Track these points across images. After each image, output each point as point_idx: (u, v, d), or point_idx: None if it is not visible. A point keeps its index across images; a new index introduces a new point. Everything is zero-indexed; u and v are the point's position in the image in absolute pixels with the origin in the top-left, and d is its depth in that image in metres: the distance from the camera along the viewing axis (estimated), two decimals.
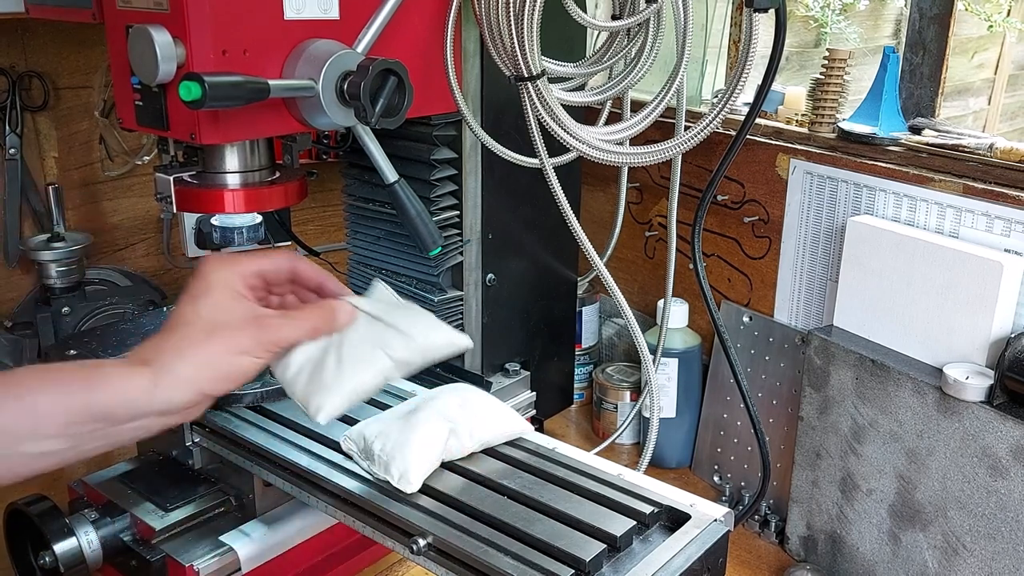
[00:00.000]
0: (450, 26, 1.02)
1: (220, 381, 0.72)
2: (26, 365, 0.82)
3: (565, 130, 1.00)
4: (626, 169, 1.47)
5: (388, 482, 0.81)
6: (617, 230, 1.50)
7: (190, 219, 1.46)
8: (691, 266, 1.14)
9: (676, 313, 1.37)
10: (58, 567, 0.89)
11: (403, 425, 0.85)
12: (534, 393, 1.28)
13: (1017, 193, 1.04)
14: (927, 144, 1.14)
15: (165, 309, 1.08)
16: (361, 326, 0.81)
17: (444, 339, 0.85)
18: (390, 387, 1.02)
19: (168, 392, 0.70)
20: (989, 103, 3.62)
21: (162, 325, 0.75)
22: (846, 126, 1.22)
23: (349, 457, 0.86)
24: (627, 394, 1.47)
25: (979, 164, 1.09)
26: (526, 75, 0.97)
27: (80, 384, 0.69)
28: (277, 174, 0.99)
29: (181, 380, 0.71)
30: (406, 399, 0.97)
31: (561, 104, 1.01)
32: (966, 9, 3.17)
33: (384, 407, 0.95)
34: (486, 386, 1.18)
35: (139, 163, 1.43)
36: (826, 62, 1.24)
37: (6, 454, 0.67)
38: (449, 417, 0.87)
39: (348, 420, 0.91)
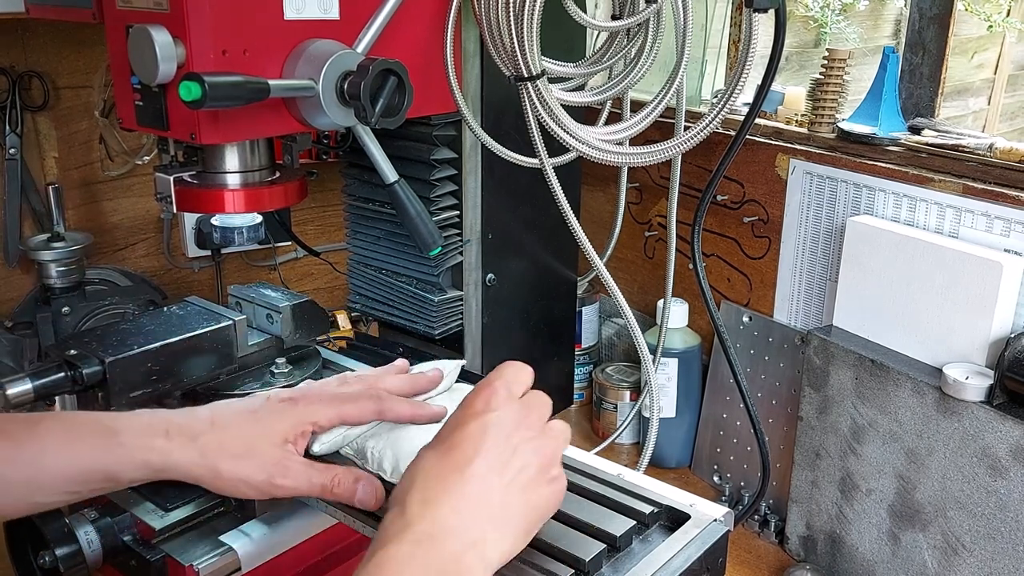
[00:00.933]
0: (450, 26, 1.02)
1: (218, 488, 0.79)
2: (45, 412, 0.86)
3: (565, 130, 1.01)
4: (626, 169, 1.47)
5: (382, 477, 0.81)
6: (617, 230, 1.50)
7: (190, 219, 1.46)
8: (691, 266, 1.14)
9: (676, 313, 1.37)
10: (58, 567, 0.89)
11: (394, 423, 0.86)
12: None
13: (1017, 193, 1.04)
14: (927, 144, 1.14)
15: (165, 309, 1.08)
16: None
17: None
18: None
19: (171, 473, 0.77)
20: (989, 103, 3.62)
21: (225, 402, 0.81)
22: (846, 126, 1.22)
23: (347, 460, 0.86)
24: (627, 394, 1.47)
25: (979, 164, 1.09)
26: (526, 75, 0.97)
27: (96, 449, 0.74)
28: (277, 174, 0.99)
29: (187, 470, 0.77)
30: None
31: (561, 104, 1.01)
32: (966, 9, 3.18)
33: None
34: None
35: (139, 163, 1.43)
36: (826, 62, 1.24)
37: (17, 500, 0.73)
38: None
39: None
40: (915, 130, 1.20)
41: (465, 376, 1.17)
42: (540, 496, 0.67)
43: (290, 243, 1.60)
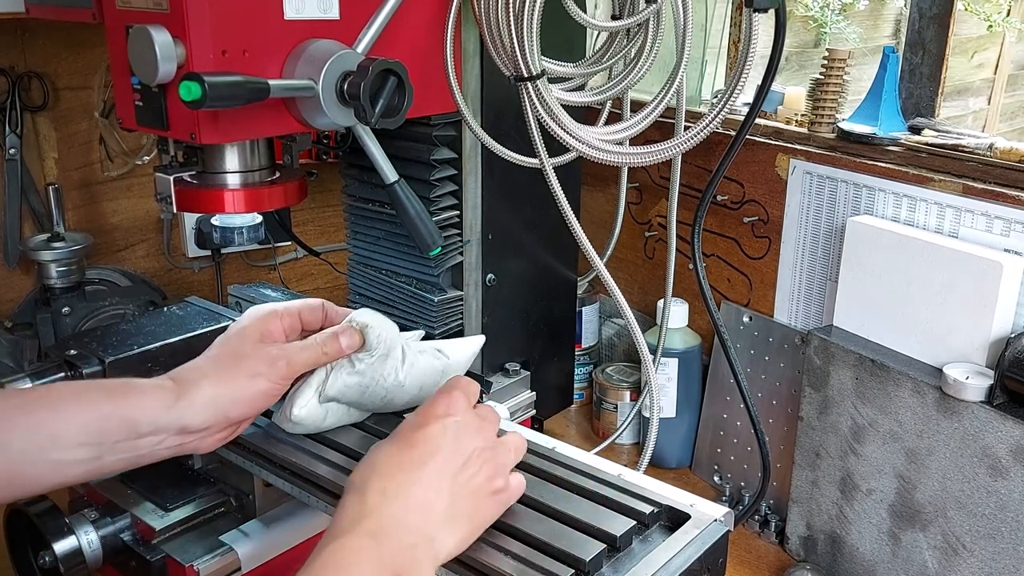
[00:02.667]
0: (450, 26, 1.02)
1: (238, 403, 0.78)
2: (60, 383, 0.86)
3: (565, 130, 1.01)
4: (626, 169, 1.47)
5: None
6: (617, 230, 1.50)
7: (190, 219, 1.46)
8: (691, 266, 1.14)
9: (676, 313, 1.37)
10: (58, 567, 0.89)
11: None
12: (534, 393, 1.28)
13: (1017, 193, 1.04)
14: (927, 144, 1.14)
15: (165, 309, 1.08)
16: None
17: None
18: None
19: (188, 408, 0.75)
20: (989, 103, 3.62)
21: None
22: (846, 126, 1.22)
23: (316, 457, 0.87)
24: (627, 394, 1.47)
25: (979, 164, 1.09)
26: (526, 75, 0.97)
27: (106, 395, 0.74)
28: (277, 174, 0.99)
29: (201, 397, 0.76)
30: None
31: (561, 104, 1.01)
32: (966, 9, 3.17)
33: None
34: (486, 386, 1.18)
35: (139, 163, 1.44)
36: (826, 62, 1.24)
37: (34, 460, 0.71)
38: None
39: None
40: (915, 130, 1.20)
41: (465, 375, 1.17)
42: (485, 504, 0.72)
43: (290, 243, 1.60)
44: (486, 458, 0.72)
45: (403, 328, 1.29)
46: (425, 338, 0.97)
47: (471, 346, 0.97)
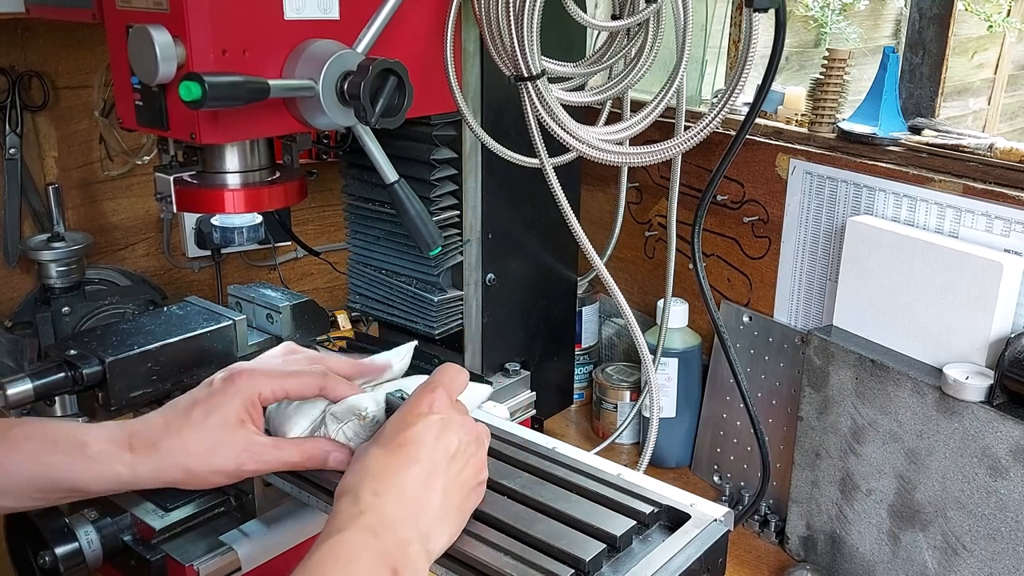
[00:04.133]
0: (450, 26, 1.02)
1: (192, 486, 0.80)
2: (18, 418, 0.87)
3: (565, 130, 1.00)
4: (626, 169, 1.47)
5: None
6: (617, 230, 1.50)
7: (190, 219, 1.46)
8: (691, 266, 1.14)
9: (676, 313, 1.37)
10: (58, 567, 0.89)
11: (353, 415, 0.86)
12: (534, 393, 1.28)
13: (1017, 193, 1.04)
14: (927, 144, 1.14)
15: (165, 309, 1.08)
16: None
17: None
18: None
19: (144, 484, 0.78)
20: (989, 103, 3.62)
21: (171, 403, 0.81)
22: (846, 126, 1.22)
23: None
24: (627, 394, 1.47)
25: (979, 164, 1.09)
26: (526, 75, 0.97)
27: (64, 461, 0.76)
28: (277, 174, 0.99)
29: (159, 478, 0.78)
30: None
31: (561, 104, 1.01)
32: (966, 9, 3.17)
33: None
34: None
35: (139, 163, 1.44)
36: (826, 62, 1.24)
37: None
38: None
39: None
40: (915, 130, 1.20)
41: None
42: (472, 496, 0.73)
43: (290, 243, 1.60)
44: (471, 452, 0.73)
45: (402, 329, 1.29)
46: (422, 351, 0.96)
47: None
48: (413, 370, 1.17)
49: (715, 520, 0.76)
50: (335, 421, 0.83)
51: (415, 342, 0.98)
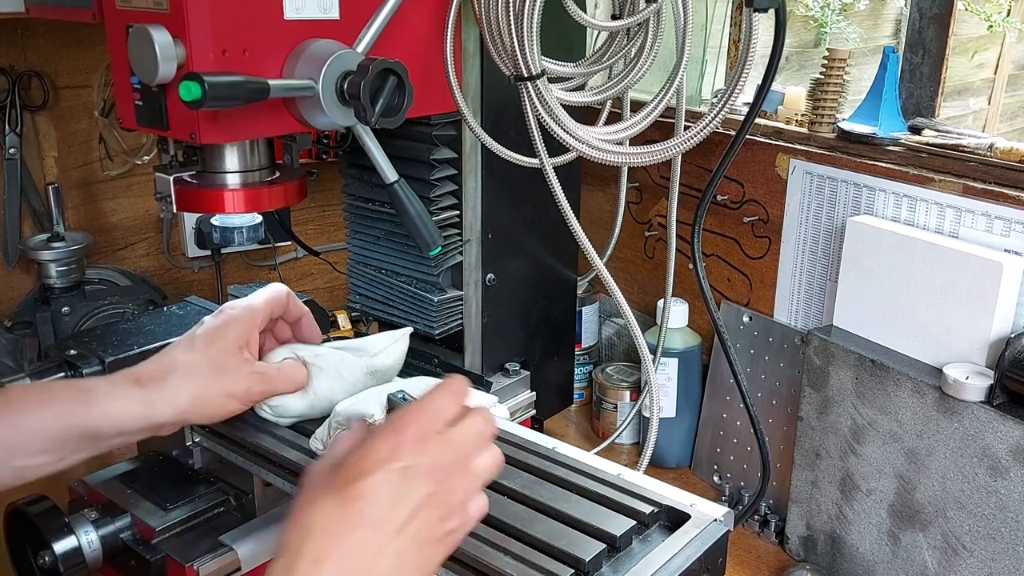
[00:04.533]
0: (450, 26, 1.02)
1: (206, 417, 0.81)
2: (20, 384, 0.85)
3: (565, 130, 1.00)
4: (626, 169, 1.47)
5: None
6: (617, 230, 1.50)
7: (190, 219, 1.46)
8: (691, 266, 1.14)
9: (676, 313, 1.37)
10: (58, 567, 0.89)
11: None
12: (534, 393, 1.28)
13: (1017, 193, 1.04)
14: (927, 144, 1.14)
15: (165, 309, 1.08)
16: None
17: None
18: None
19: (158, 417, 0.77)
20: (989, 103, 3.62)
21: (169, 346, 0.82)
22: (846, 126, 1.22)
23: (315, 456, 0.86)
24: (627, 394, 1.47)
25: (979, 164, 1.09)
26: (526, 75, 0.97)
27: (69, 404, 0.74)
28: (277, 174, 0.99)
29: (168, 407, 0.77)
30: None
31: (561, 104, 1.01)
32: (966, 9, 3.17)
33: None
34: (486, 386, 1.18)
35: (139, 163, 1.43)
36: (826, 62, 1.24)
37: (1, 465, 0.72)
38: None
39: None
40: (915, 130, 1.20)
41: (465, 376, 1.17)
42: (436, 550, 0.62)
43: (290, 243, 1.60)
44: (437, 503, 0.61)
45: (402, 327, 1.29)
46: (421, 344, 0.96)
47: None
48: (414, 370, 1.17)
49: (715, 520, 0.76)
50: (340, 427, 0.83)
51: (410, 329, 0.99)
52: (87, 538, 0.91)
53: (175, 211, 0.97)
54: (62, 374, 0.91)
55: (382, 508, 0.59)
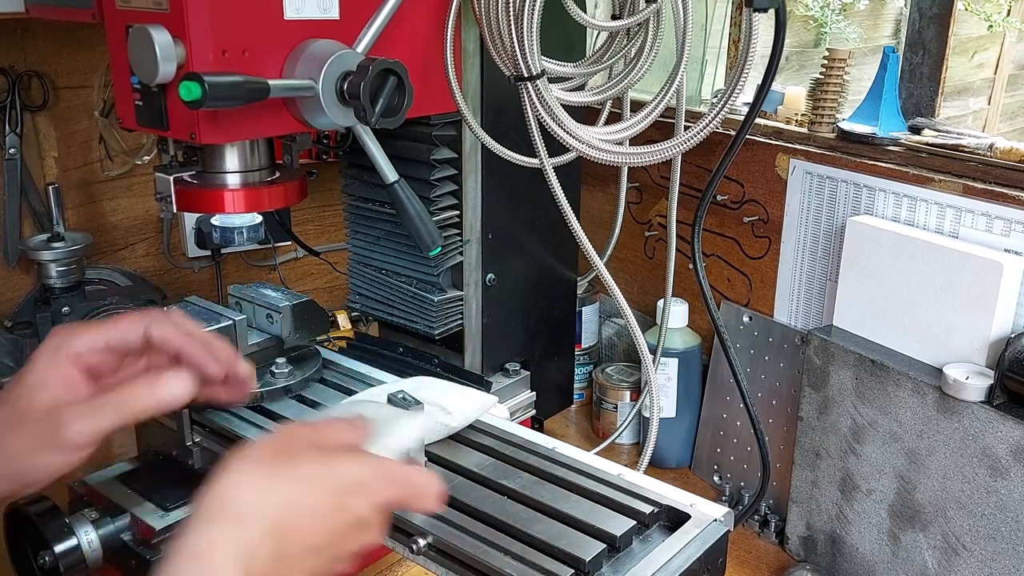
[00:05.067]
0: (450, 26, 1.02)
1: (24, 480, 0.68)
2: None
3: (565, 130, 1.00)
4: (626, 169, 1.47)
5: None
6: (617, 230, 1.50)
7: (190, 219, 1.46)
8: (691, 266, 1.14)
9: (676, 313, 1.37)
10: (58, 567, 0.89)
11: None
12: (534, 393, 1.28)
13: (1017, 193, 1.04)
14: (927, 144, 1.14)
15: (165, 309, 1.08)
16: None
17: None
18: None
19: None
20: (989, 103, 3.62)
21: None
22: (846, 126, 1.22)
23: None
24: (627, 394, 1.47)
25: (979, 164, 1.09)
26: (526, 75, 0.97)
27: None
28: (277, 174, 0.99)
29: (11, 461, 0.66)
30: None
31: (561, 104, 1.01)
32: (966, 9, 3.17)
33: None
34: (486, 386, 1.18)
35: (139, 163, 1.43)
36: (826, 62, 1.24)
37: None
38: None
39: None
40: (915, 130, 1.20)
41: (465, 376, 1.17)
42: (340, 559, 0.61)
43: (290, 243, 1.60)
44: (351, 553, 0.61)
45: (402, 329, 1.29)
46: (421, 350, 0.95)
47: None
48: (413, 370, 1.17)
49: (715, 520, 0.76)
50: None
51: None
52: (87, 538, 0.91)
53: (175, 211, 0.97)
54: None
55: (312, 528, 0.58)
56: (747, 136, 1.03)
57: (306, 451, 0.61)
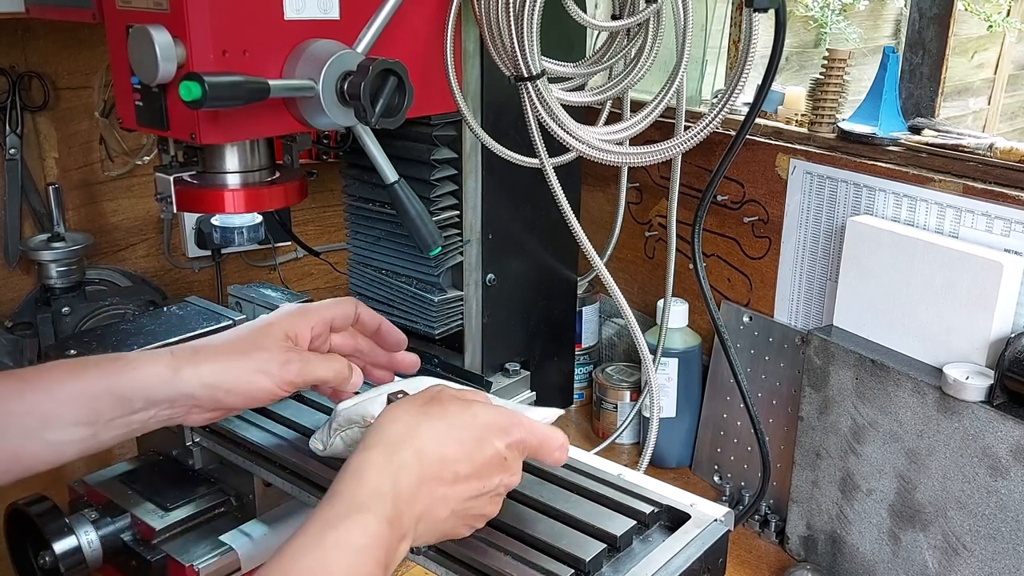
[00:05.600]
0: (450, 26, 1.02)
1: (233, 394, 0.77)
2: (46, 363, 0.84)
3: (565, 130, 1.01)
4: (626, 169, 1.47)
5: None
6: (617, 230, 1.50)
7: (190, 219, 1.46)
8: (691, 266, 1.14)
9: (676, 313, 1.37)
10: (58, 567, 0.89)
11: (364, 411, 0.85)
12: (534, 393, 1.28)
13: (1017, 193, 1.04)
14: (927, 144, 1.14)
15: (165, 309, 1.08)
16: None
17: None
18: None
19: (185, 386, 0.75)
20: (989, 103, 3.62)
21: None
22: (846, 126, 1.22)
23: (315, 457, 0.86)
24: (627, 394, 1.47)
25: (979, 164, 1.09)
26: (526, 75, 0.97)
27: (100, 372, 0.73)
28: (277, 174, 1.00)
29: (196, 378, 0.75)
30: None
31: (561, 104, 1.01)
32: (966, 9, 3.17)
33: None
34: (486, 386, 1.18)
35: (139, 163, 1.44)
36: (826, 62, 1.24)
37: (31, 442, 0.71)
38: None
39: None
40: (915, 130, 1.20)
41: (465, 376, 1.17)
42: (458, 531, 0.70)
43: (290, 243, 1.60)
44: (493, 497, 0.70)
45: (402, 329, 1.29)
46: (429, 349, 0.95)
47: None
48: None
49: (715, 520, 0.76)
50: (340, 428, 0.82)
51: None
52: (87, 538, 0.91)
53: (175, 211, 0.97)
54: None
55: (475, 480, 0.67)
56: (747, 136, 1.03)
57: (451, 400, 0.71)
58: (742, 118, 1.00)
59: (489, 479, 0.68)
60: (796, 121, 1.31)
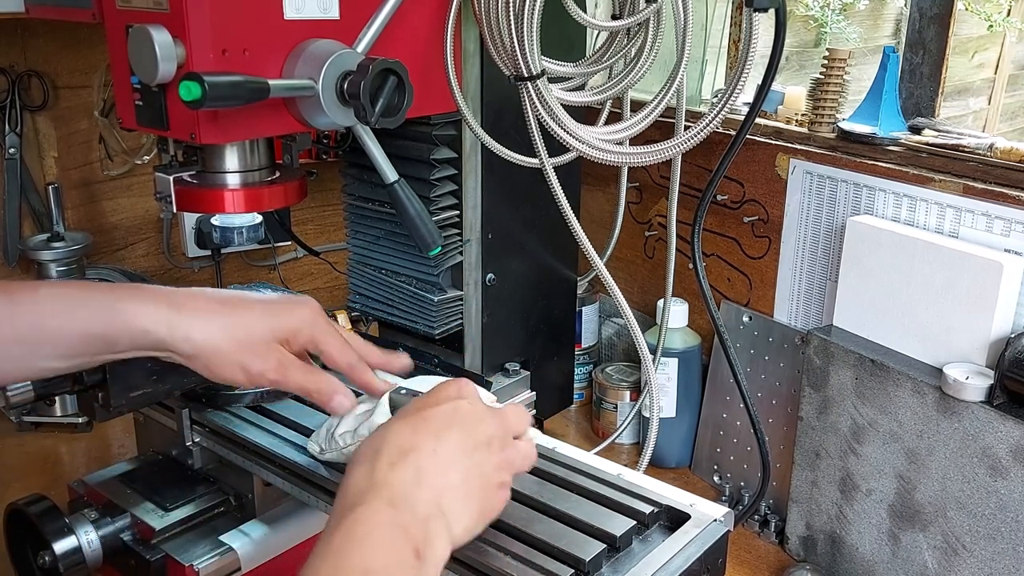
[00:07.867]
0: (450, 26, 1.02)
1: (211, 373, 0.76)
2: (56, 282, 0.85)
3: (565, 130, 1.01)
4: (626, 169, 1.47)
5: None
6: (617, 230, 1.50)
7: (190, 219, 1.46)
8: (691, 266, 1.14)
9: (676, 313, 1.37)
10: (58, 567, 0.89)
11: (366, 415, 0.84)
12: (534, 393, 1.28)
13: (1017, 193, 1.04)
14: (927, 144, 1.15)
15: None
16: None
17: None
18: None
19: (172, 343, 0.74)
20: (989, 103, 3.62)
21: (228, 289, 0.81)
22: (846, 126, 1.22)
23: (313, 458, 0.86)
24: (627, 394, 1.47)
25: (979, 164, 1.09)
26: (526, 75, 0.97)
27: (91, 315, 0.73)
28: (277, 174, 0.99)
29: (190, 345, 0.75)
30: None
31: (561, 104, 1.01)
32: (966, 9, 3.17)
33: None
34: (486, 386, 1.18)
35: (139, 163, 1.44)
36: (826, 62, 1.24)
37: (13, 362, 0.73)
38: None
39: None
40: (915, 130, 1.20)
41: (465, 376, 1.17)
42: (493, 493, 0.67)
43: (290, 243, 1.60)
44: (498, 447, 0.68)
45: (402, 329, 1.29)
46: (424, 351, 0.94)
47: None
48: (415, 371, 1.17)
49: (715, 520, 0.76)
50: (338, 437, 0.82)
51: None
52: (87, 538, 0.91)
53: (175, 211, 0.97)
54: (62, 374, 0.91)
55: (454, 430, 0.66)
56: (747, 136, 1.03)
57: (437, 402, 0.69)
58: (742, 118, 1.00)
59: (474, 429, 0.67)
60: (796, 121, 1.31)
